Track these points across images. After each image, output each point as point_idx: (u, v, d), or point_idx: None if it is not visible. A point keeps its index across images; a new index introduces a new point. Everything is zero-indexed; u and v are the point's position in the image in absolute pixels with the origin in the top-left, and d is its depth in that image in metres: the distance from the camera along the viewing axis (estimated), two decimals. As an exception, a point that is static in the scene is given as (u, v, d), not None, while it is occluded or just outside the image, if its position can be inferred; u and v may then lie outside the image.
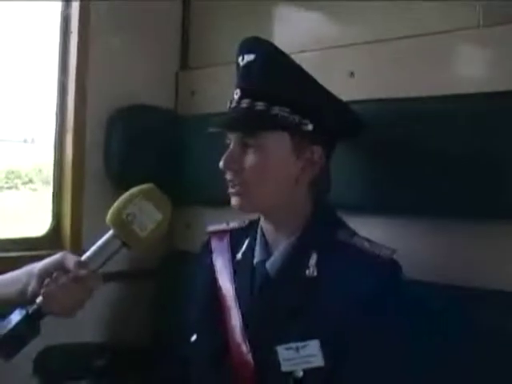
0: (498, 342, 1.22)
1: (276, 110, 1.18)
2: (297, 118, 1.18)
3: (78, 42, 1.84)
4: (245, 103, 1.20)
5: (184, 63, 2.13)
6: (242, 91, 1.21)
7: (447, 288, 1.32)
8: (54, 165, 1.90)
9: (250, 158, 1.19)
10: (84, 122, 1.86)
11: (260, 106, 1.18)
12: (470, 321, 1.25)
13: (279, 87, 1.19)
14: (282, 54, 1.24)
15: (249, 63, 1.21)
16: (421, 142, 1.36)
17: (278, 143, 1.19)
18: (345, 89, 1.28)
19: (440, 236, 1.40)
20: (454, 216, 1.36)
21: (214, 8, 2.04)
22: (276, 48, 1.24)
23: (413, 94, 1.43)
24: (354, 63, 1.55)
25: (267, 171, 1.19)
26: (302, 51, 1.22)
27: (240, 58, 1.23)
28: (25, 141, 2.89)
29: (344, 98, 1.29)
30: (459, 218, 1.36)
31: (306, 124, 1.19)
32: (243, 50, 1.23)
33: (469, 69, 1.37)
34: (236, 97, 1.22)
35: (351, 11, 1.63)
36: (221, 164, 1.20)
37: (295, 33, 1.69)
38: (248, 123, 1.20)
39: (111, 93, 1.92)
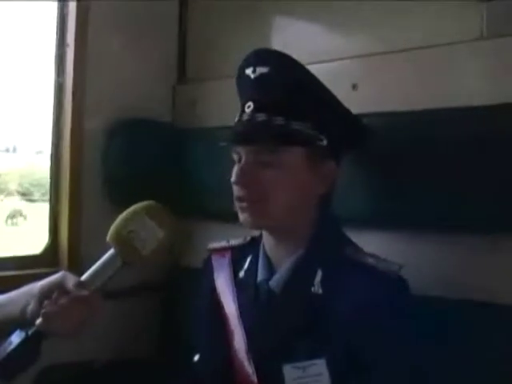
0: (508, 356, 1.20)
1: (295, 125, 1.14)
2: (314, 133, 1.16)
3: (75, 56, 1.81)
4: (261, 117, 1.16)
5: (182, 76, 2.12)
6: (256, 104, 1.17)
7: (454, 302, 1.30)
8: (51, 180, 1.88)
9: (267, 174, 1.15)
10: (81, 137, 1.84)
11: (278, 120, 1.14)
12: (479, 335, 1.23)
13: (299, 101, 1.16)
14: (300, 65, 1.20)
15: (263, 75, 1.17)
16: (425, 155, 1.34)
17: (296, 159, 1.16)
18: (347, 101, 1.26)
19: (445, 250, 1.37)
20: (459, 230, 1.34)
21: (211, 21, 2.03)
22: (292, 59, 1.19)
23: (416, 106, 1.41)
24: (356, 76, 1.54)
25: (285, 187, 1.15)
26: (304, 64, 1.20)
27: (250, 70, 1.19)
28: (7, 150, 2.87)
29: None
30: (465, 232, 1.34)
31: (322, 140, 1.17)
32: (254, 62, 1.19)
33: (473, 81, 1.35)
34: (248, 110, 1.17)
35: (353, 23, 1.62)
36: (234, 179, 1.16)
37: (296, 45, 1.66)
38: (267, 138, 1.15)
39: (109, 106, 1.90)
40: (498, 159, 1.24)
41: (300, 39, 1.72)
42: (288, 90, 1.16)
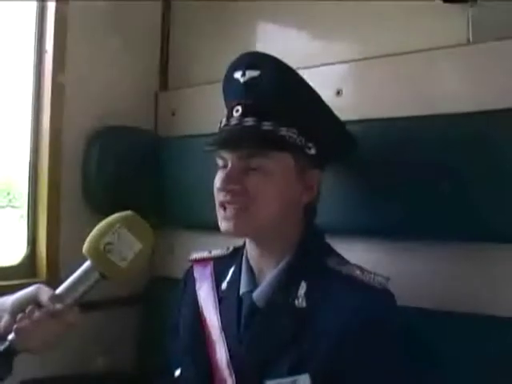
0: (496, 368, 1.17)
1: (284, 131, 1.12)
2: (303, 141, 1.13)
3: (53, 62, 1.77)
4: (249, 121, 1.13)
5: (163, 84, 2.09)
6: (244, 108, 1.14)
7: (441, 314, 1.28)
8: (29, 189, 1.83)
9: (253, 179, 1.12)
10: (60, 144, 1.79)
11: (267, 125, 1.12)
12: (466, 347, 1.21)
13: (288, 107, 1.13)
14: (292, 70, 1.17)
15: (253, 79, 1.14)
16: (409, 162, 1.32)
17: (283, 165, 1.13)
18: (332, 107, 1.24)
19: (432, 259, 1.35)
20: (445, 239, 1.32)
21: (193, 28, 2.01)
22: (285, 64, 1.17)
23: (401, 113, 1.39)
24: (341, 81, 1.52)
25: (272, 194, 1.12)
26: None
27: (239, 74, 1.16)
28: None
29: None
30: (452, 241, 1.31)
31: (310, 147, 1.14)
32: (244, 65, 1.16)
33: (459, 87, 1.33)
34: (237, 114, 1.14)
35: (338, 29, 1.60)
36: (219, 184, 1.13)
37: (278, 51, 1.63)
38: (256, 143, 1.12)
39: (89, 114, 1.87)
40: (485, 166, 1.23)
41: (283, 45, 1.69)
42: (278, 94, 1.13)
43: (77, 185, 1.84)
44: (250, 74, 1.14)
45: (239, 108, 1.14)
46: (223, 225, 1.14)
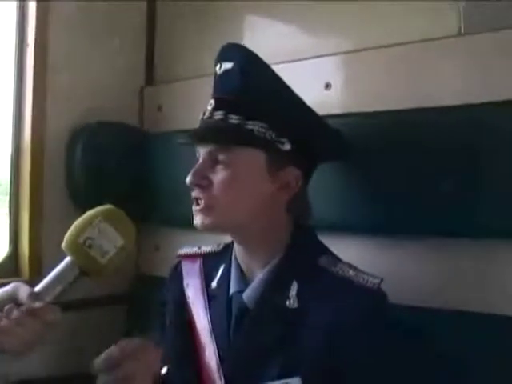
0: (491, 366, 1.16)
1: (251, 124, 1.09)
2: (274, 135, 1.10)
3: (35, 56, 1.74)
4: (218, 115, 1.11)
5: (149, 78, 2.06)
6: (216, 102, 1.12)
7: (436, 312, 1.26)
8: (10, 186, 1.79)
9: (219, 174, 1.10)
10: (42, 140, 1.76)
11: (234, 119, 1.09)
12: (458, 345, 1.18)
13: (256, 100, 1.10)
14: (262, 62, 1.15)
15: (226, 72, 1.12)
16: (401, 157, 1.29)
17: (251, 160, 1.10)
18: (320, 101, 1.21)
19: (425, 256, 1.33)
20: (439, 235, 1.29)
21: (180, 21, 1.98)
22: (256, 56, 1.14)
23: (391, 106, 1.37)
24: (329, 74, 1.49)
25: (235, 189, 1.10)
26: (273, 63, 1.15)
27: (218, 67, 1.14)
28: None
29: (320, 110, 1.21)
30: (446, 238, 1.28)
31: (283, 143, 1.11)
32: (221, 58, 1.14)
33: (451, 79, 1.30)
34: (210, 108, 1.13)
35: (326, 21, 1.57)
36: (187, 179, 1.11)
37: (267, 44, 1.61)
38: (219, 137, 1.10)
39: (73, 109, 1.84)
40: (479, 160, 1.20)
41: (271, 38, 1.68)
42: (246, 87, 1.11)
43: (60, 181, 1.81)
44: (225, 66, 1.13)
45: (212, 101, 1.13)
46: (194, 219, 1.13)
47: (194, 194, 1.12)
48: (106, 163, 1.82)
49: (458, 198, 1.22)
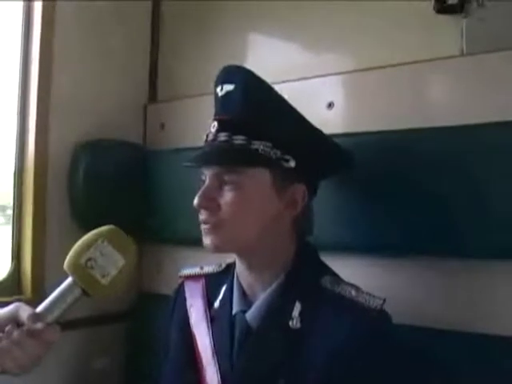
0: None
1: (256, 144, 1.09)
2: (278, 153, 1.10)
3: (40, 71, 1.74)
4: (222, 136, 1.11)
5: (152, 96, 2.06)
6: (219, 124, 1.12)
7: (439, 333, 1.25)
8: (14, 204, 1.78)
9: (226, 196, 1.10)
10: (46, 158, 1.76)
11: (239, 139, 1.09)
12: (464, 366, 1.18)
13: (260, 120, 1.10)
14: (264, 83, 1.15)
15: (228, 93, 1.12)
16: (402, 176, 1.29)
17: (258, 180, 1.10)
18: (323, 120, 1.21)
19: (429, 276, 1.32)
20: (443, 255, 1.29)
21: (183, 39, 1.99)
22: (257, 77, 1.15)
23: (394, 126, 1.37)
24: (332, 94, 1.49)
25: (245, 210, 1.10)
26: (276, 82, 1.16)
27: (219, 88, 1.14)
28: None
29: (322, 129, 1.20)
30: (450, 258, 1.28)
31: (288, 160, 1.11)
32: (222, 79, 1.15)
33: (453, 99, 1.31)
34: (213, 130, 1.13)
35: (329, 41, 1.58)
36: (195, 202, 1.11)
37: (270, 64, 1.63)
38: (226, 159, 1.10)
39: (76, 126, 1.83)
40: (480, 180, 1.20)
41: (274, 57, 1.69)
42: (249, 108, 1.11)
43: (63, 199, 1.80)
44: (226, 88, 1.13)
45: (215, 123, 1.13)
46: (204, 241, 1.13)
47: (202, 217, 1.12)
48: (108, 181, 1.81)
49: (460, 217, 1.22)
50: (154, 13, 2.07)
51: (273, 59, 1.66)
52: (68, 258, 1.02)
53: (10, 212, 1.82)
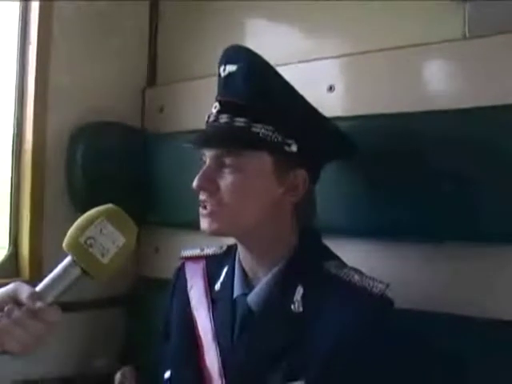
0: (494, 371, 1.14)
1: (257, 127, 1.08)
2: (280, 138, 1.09)
3: (37, 55, 1.73)
4: (223, 118, 1.10)
5: (151, 79, 2.05)
6: (220, 105, 1.11)
7: (440, 317, 1.24)
8: (11, 186, 1.79)
9: (226, 178, 1.09)
10: (44, 140, 1.76)
11: (240, 122, 1.08)
12: (466, 350, 1.17)
13: (262, 102, 1.09)
14: (267, 65, 1.14)
15: (230, 74, 1.11)
16: (405, 160, 1.28)
17: (258, 163, 1.09)
18: (324, 103, 1.21)
19: (431, 260, 1.31)
20: (445, 239, 1.28)
21: (182, 22, 1.97)
22: (261, 58, 1.13)
23: (396, 109, 1.35)
24: (333, 77, 1.48)
25: (244, 193, 1.09)
26: (276, 65, 1.15)
27: (222, 69, 1.13)
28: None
29: (323, 112, 1.19)
30: (451, 242, 1.27)
31: (290, 144, 1.10)
32: (225, 60, 1.13)
33: (455, 82, 1.30)
34: (214, 111, 1.12)
35: (330, 23, 1.56)
36: (194, 183, 1.10)
37: (270, 46, 1.59)
38: (226, 141, 1.09)
39: (74, 109, 1.83)
40: (483, 164, 1.19)
41: (275, 40, 1.66)
42: (252, 90, 1.09)
43: (61, 182, 1.80)
44: (229, 68, 1.11)
45: (217, 104, 1.12)
46: (201, 223, 1.12)
47: (201, 197, 1.11)
48: (106, 164, 1.81)
49: (464, 201, 1.21)
50: (153, -4, 2.05)
51: (273, 42, 1.64)
52: (67, 236, 1.01)
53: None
